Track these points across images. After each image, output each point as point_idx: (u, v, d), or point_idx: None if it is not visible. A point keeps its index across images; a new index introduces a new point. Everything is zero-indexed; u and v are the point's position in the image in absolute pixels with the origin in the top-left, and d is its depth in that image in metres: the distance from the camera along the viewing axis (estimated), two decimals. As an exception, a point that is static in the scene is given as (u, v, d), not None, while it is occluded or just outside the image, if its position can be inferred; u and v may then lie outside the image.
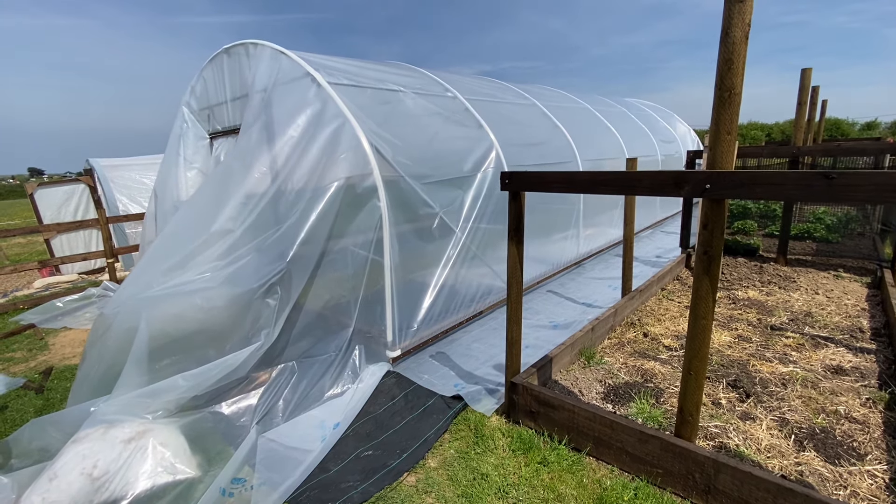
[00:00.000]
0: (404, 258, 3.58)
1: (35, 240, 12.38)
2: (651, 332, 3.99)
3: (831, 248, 6.54)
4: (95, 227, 6.74)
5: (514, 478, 2.41)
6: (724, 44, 1.86)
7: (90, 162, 7.93)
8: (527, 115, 6.06)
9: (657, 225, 8.72)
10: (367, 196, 3.44)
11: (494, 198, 4.40)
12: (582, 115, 7.51)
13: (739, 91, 1.89)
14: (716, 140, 1.96)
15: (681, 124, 11.75)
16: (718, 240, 2.02)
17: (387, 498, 2.31)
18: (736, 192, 1.82)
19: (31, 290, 6.87)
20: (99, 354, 2.96)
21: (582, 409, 2.55)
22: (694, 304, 2.09)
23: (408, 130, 4.00)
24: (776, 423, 2.69)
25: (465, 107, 4.89)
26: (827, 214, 7.51)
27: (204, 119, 4.86)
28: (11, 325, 5.17)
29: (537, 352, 3.60)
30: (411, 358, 3.68)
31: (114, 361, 2.90)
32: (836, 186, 1.61)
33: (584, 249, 6.21)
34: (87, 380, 2.95)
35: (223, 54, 4.39)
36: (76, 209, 7.97)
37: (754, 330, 3.98)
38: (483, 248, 4.34)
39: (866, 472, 2.28)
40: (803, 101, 5.75)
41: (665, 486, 2.28)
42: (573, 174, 2.43)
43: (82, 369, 3.00)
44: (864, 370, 3.22)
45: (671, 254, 6.70)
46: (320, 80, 3.58)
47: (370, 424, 2.89)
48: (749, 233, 7.47)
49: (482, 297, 4.39)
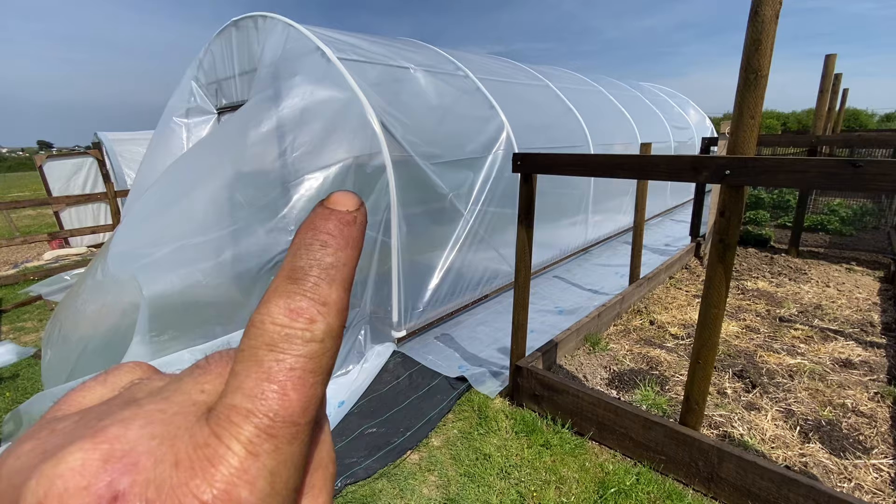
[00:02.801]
0: (412, 240, 3.55)
1: (44, 212, 12.47)
2: (658, 319, 3.97)
3: (844, 241, 6.43)
4: (104, 200, 6.77)
5: (517, 459, 2.43)
6: (753, 23, 1.78)
7: (98, 135, 7.91)
8: (539, 96, 5.93)
9: (667, 213, 8.61)
10: (376, 176, 3.39)
11: (504, 181, 4.34)
12: (595, 97, 7.34)
13: (766, 73, 1.82)
14: (738, 124, 1.89)
15: (695, 111, 11.49)
16: (735, 228, 1.97)
17: (390, 474, 2.34)
18: (758, 179, 1.77)
19: (42, 261, 6.94)
20: (102, 323, 2.99)
21: (586, 394, 2.55)
22: (706, 293, 2.05)
23: (418, 109, 3.93)
24: (782, 415, 2.68)
25: (477, 86, 4.78)
26: (842, 207, 7.37)
27: (212, 94, 4.79)
28: (22, 295, 5.24)
29: (542, 336, 3.59)
30: (416, 339, 3.69)
31: (114, 333, 2.93)
32: (864, 175, 1.55)
33: (592, 236, 6.14)
34: (90, 347, 2.98)
35: (231, 27, 4.30)
36: (85, 182, 7.98)
37: (762, 321, 3.94)
38: (491, 232, 4.30)
39: (871, 465, 2.28)
40: (825, 89, 5.58)
41: (667, 472, 2.29)
42: (587, 156, 2.37)
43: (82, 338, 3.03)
44: (873, 364, 3.19)
45: (680, 242, 6.63)
46: (330, 55, 3.50)
47: (375, 403, 2.92)
48: (761, 223, 7.35)
49: (488, 281, 4.37)
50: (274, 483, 0.16)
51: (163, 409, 0.18)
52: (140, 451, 0.16)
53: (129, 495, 0.15)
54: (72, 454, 0.16)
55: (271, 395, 0.17)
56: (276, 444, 0.17)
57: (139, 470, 0.16)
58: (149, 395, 0.19)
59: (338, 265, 0.19)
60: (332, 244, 0.19)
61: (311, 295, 0.18)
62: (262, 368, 0.17)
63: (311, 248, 0.19)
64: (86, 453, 0.16)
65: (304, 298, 0.18)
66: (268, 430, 0.16)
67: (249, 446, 0.16)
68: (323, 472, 0.21)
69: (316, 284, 0.18)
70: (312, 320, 0.18)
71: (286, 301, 0.18)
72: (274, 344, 0.17)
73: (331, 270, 0.19)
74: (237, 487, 0.16)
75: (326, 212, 0.20)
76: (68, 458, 0.16)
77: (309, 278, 0.18)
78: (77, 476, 0.15)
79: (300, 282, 0.18)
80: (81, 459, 0.16)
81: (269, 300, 0.18)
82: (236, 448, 0.16)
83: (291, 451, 0.17)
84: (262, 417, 0.16)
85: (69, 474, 0.16)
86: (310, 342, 0.18)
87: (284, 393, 0.17)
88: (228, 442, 0.16)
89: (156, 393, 0.19)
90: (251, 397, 0.17)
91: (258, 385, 0.17)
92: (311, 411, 0.18)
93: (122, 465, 0.16)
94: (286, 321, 0.18)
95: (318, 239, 0.19)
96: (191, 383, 0.20)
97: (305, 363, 0.17)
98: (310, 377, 0.17)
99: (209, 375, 0.20)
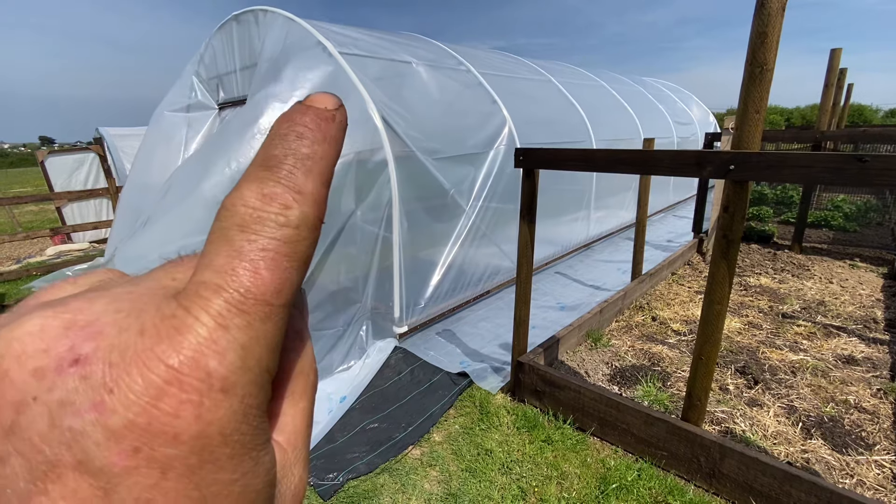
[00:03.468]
0: (413, 235, 3.55)
1: (46, 207, 12.50)
2: (660, 316, 3.96)
3: (848, 238, 6.39)
4: (106, 196, 6.77)
5: (518, 454, 2.43)
6: (759, 15, 1.76)
7: (100, 131, 7.91)
8: (541, 91, 5.90)
9: (669, 209, 8.58)
10: (378, 171, 3.38)
11: (506, 176, 4.32)
12: (598, 93, 7.30)
13: (772, 67, 1.80)
14: (743, 119, 1.87)
15: (698, 107, 11.42)
16: (739, 224, 1.95)
17: (392, 469, 2.35)
18: (762, 174, 1.75)
19: (44, 256, 6.96)
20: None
21: (588, 390, 2.55)
22: (709, 289, 2.04)
23: (419, 104, 3.91)
24: (784, 411, 2.67)
25: (479, 81, 4.76)
26: (846, 202, 7.32)
27: (213, 88, 4.78)
28: (25, 291, 5.26)
29: (544, 332, 3.59)
30: (418, 334, 3.69)
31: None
32: (870, 170, 1.53)
33: (594, 232, 6.13)
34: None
35: (232, 21, 4.28)
36: (86, 178, 7.99)
37: (765, 317, 3.93)
38: (492, 228, 4.29)
39: (874, 461, 2.27)
40: (830, 84, 5.54)
41: (669, 468, 2.29)
42: (590, 151, 2.36)
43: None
44: (876, 361, 3.18)
45: (683, 238, 6.60)
46: (331, 50, 3.48)
47: (376, 398, 2.92)
48: (764, 219, 7.31)
49: (490, 277, 4.37)
50: (245, 358, 0.16)
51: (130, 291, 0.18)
52: (104, 322, 0.16)
53: (91, 359, 0.15)
54: (31, 320, 0.16)
55: (242, 272, 0.16)
56: (247, 319, 0.16)
57: (103, 337, 0.16)
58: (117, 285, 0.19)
59: (314, 157, 0.18)
60: (309, 136, 0.18)
61: (285, 182, 0.17)
62: (232, 247, 0.16)
63: (287, 139, 0.18)
64: (45, 319, 0.16)
65: (279, 185, 0.17)
66: (239, 304, 0.16)
67: (219, 318, 0.16)
68: (304, 379, 0.20)
69: (291, 172, 0.18)
70: (287, 206, 0.17)
71: (259, 185, 0.17)
72: (245, 225, 0.17)
73: (307, 161, 0.18)
74: (205, 356, 0.15)
75: (304, 107, 0.19)
76: (27, 324, 0.16)
77: (284, 166, 0.18)
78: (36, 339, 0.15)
79: (274, 169, 0.18)
80: (40, 325, 0.16)
81: (240, 185, 0.17)
82: (205, 319, 0.16)
83: (265, 329, 0.16)
84: (233, 293, 0.16)
85: (27, 338, 0.15)
86: (284, 226, 0.17)
87: (256, 271, 0.16)
88: (197, 314, 0.16)
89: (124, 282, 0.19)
90: (221, 273, 0.16)
91: (229, 262, 0.16)
92: (285, 294, 0.17)
93: (85, 333, 0.16)
94: (259, 205, 0.17)
95: (293, 130, 0.18)
96: (161, 273, 0.19)
97: (279, 246, 0.17)
98: (284, 260, 0.17)
99: (181, 267, 0.19)
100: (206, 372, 0.15)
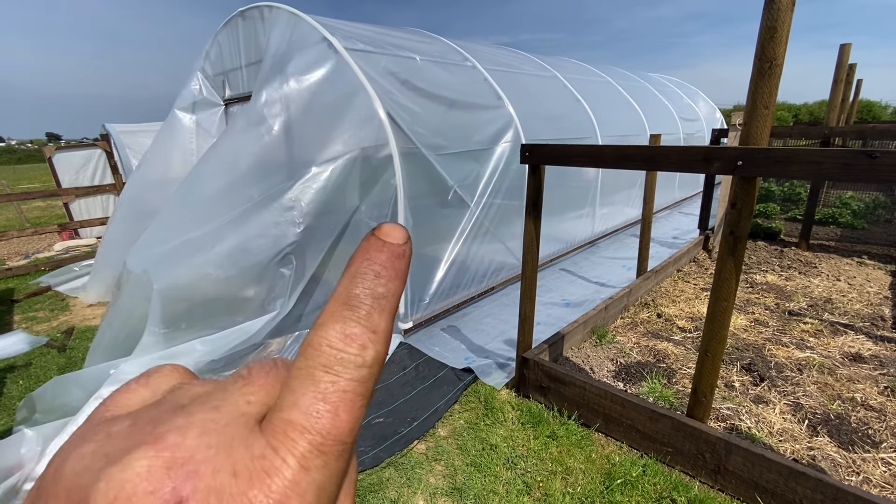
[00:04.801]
0: (418, 232, 3.55)
1: (54, 203, 12.60)
2: (665, 313, 3.95)
3: (856, 235, 6.34)
4: (112, 192, 6.82)
5: (523, 450, 2.44)
6: (769, 10, 1.75)
7: (106, 127, 7.95)
8: (547, 87, 5.87)
9: (675, 205, 8.54)
10: (383, 168, 3.39)
11: (511, 173, 4.31)
12: (604, 89, 7.26)
13: (781, 62, 1.78)
14: (752, 114, 1.86)
15: (705, 103, 11.33)
16: (746, 220, 1.95)
17: (398, 464, 2.37)
18: (770, 170, 1.74)
19: (52, 252, 7.02)
20: (116, 316, 3.03)
21: (593, 386, 2.55)
22: (716, 285, 2.04)
23: (425, 99, 3.90)
24: (790, 408, 2.66)
25: (484, 77, 4.74)
26: (854, 199, 7.26)
27: (219, 85, 4.79)
28: (33, 286, 5.31)
29: (549, 329, 3.59)
30: (423, 330, 3.70)
31: (130, 324, 2.96)
32: (880, 167, 1.52)
33: (600, 228, 6.11)
34: (105, 340, 3.02)
35: (238, 17, 4.28)
36: (93, 174, 8.03)
37: (771, 314, 3.91)
38: (497, 224, 4.28)
39: (880, 459, 2.26)
40: (839, 79, 5.48)
41: (674, 464, 2.29)
42: (597, 147, 2.35)
43: (101, 328, 3.08)
44: (883, 359, 3.16)
45: (688, 235, 6.58)
46: (336, 45, 3.48)
47: (382, 393, 2.94)
48: (771, 216, 7.26)
49: (494, 273, 4.37)
50: (320, 496, 0.18)
51: (214, 419, 0.19)
52: (199, 460, 0.17)
53: (191, 501, 0.16)
54: (137, 460, 0.17)
55: (325, 415, 0.18)
56: (325, 460, 0.18)
57: (200, 477, 0.17)
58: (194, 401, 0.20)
59: (388, 296, 0.20)
60: (385, 275, 0.20)
61: (364, 322, 0.19)
62: (318, 388, 0.18)
63: (366, 277, 0.20)
64: (150, 460, 0.17)
65: (359, 325, 0.19)
66: (320, 447, 0.18)
67: (303, 461, 0.17)
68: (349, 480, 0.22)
69: (369, 313, 0.20)
70: (364, 346, 0.19)
71: (342, 326, 0.19)
72: (329, 366, 0.19)
73: (382, 301, 0.20)
74: (290, 499, 0.17)
75: (380, 243, 0.21)
76: (134, 464, 0.17)
77: (363, 306, 0.20)
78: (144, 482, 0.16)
79: (355, 309, 0.20)
80: (147, 466, 0.17)
81: (325, 323, 0.19)
82: (291, 462, 0.17)
83: (338, 467, 0.18)
84: (316, 435, 0.18)
85: (136, 479, 0.17)
86: (361, 367, 0.19)
87: (336, 413, 0.18)
88: (284, 455, 0.17)
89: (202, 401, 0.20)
90: (307, 415, 0.18)
91: (314, 404, 0.18)
92: (356, 431, 0.19)
93: (184, 472, 0.17)
94: (341, 345, 0.19)
95: (372, 269, 0.20)
96: (236, 393, 0.20)
97: (356, 387, 0.19)
98: (358, 400, 0.19)
99: (253, 387, 0.21)
100: None
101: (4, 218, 11.32)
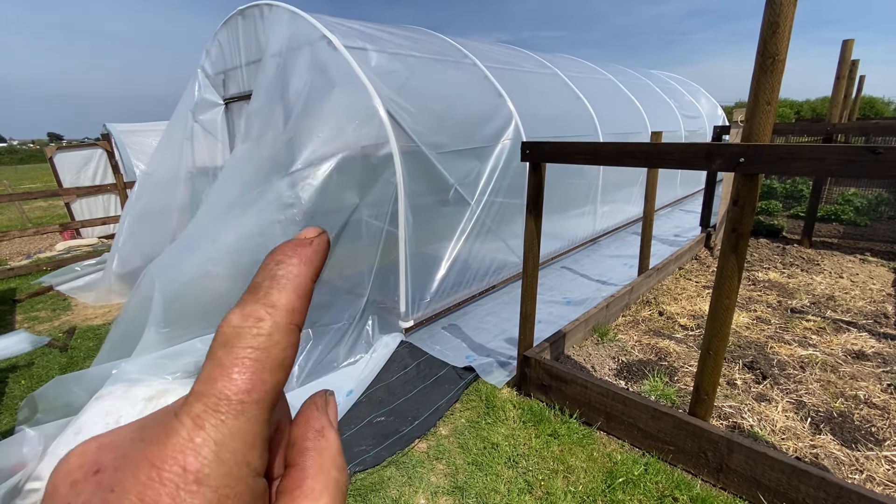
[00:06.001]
0: (419, 230, 3.54)
1: (56, 203, 12.62)
2: (667, 310, 3.94)
3: (859, 232, 6.31)
4: (114, 192, 6.82)
5: (525, 448, 2.44)
6: (771, 5, 1.73)
7: (107, 127, 7.95)
8: (548, 84, 5.85)
9: (676, 203, 8.52)
10: (383, 166, 3.38)
11: (512, 171, 4.30)
12: (604, 86, 7.23)
13: (783, 58, 1.77)
14: (754, 110, 1.85)
15: (707, 100, 11.28)
16: (749, 217, 1.93)
17: (399, 462, 2.36)
18: (773, 167, 1.73)
19: (54, 252, 7.04)
20: (123, 317, 3.04)
21: (594, 385, 2.55)
22: (718, 283, 2.03)
23: (425, 98, 3.89)
24: (792, 406, 2.65)
25: (485, 74, 4.73)
26: (857, 196, 7.22)
27: (219, 84, 4.78)
28: (35, 286, 5.32)
29: (550, 327, 3.58)
30: (424, 329, 3.70)
31: (132, 324, 2.97)
32: (884, 163, 1.51)
33: (601, 226, 6.09)
34: (108, 340, 3.03)
35: (238, 16, 4.27)
36: (94, 173, 8.04)
37: (774, 312, 3.89)
38: (498, 223, 4.27)
39: (884, 457, 2.25)
40: (842, 75, 5.45)
41: (676, 462, 2.29)
42: (597, 145, 2.34)
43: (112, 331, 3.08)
44: (886, 356, 3.15)
45: (690, 233, 6.56)
46: (336, 43, 3.47)
47: (383, 392, 2.94)
48: (773, 213, 7.23)
49: (495, 272, 4.36)
50: (219, 452, 0.19)
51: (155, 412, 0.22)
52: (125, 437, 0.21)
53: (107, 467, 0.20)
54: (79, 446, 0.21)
55: (219, 378, 0.19)
56: (221, 418, 0.19)
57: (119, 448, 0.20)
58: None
59: (288, 276, 0.22)
60: (285, 261, 0.22)
61: (262, 301, 0.21)
62: (214, 360, 0.20)
63: (267, 266, 0.22)
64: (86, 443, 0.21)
65: (256, 304, 0.21)
66: (213, 406, 0.19)
67: (197, 420, 0.19)
68: (325, 477, 0.23)
69: (267, 293, 0.21)
70: (260, 319, 0.20)
71: (241, 307, 0.21)
72: (227, 341, 0.20)
73: (282, 280, 0.22)
74: (184, 454, 0.18)
75: (286, 241, 0.23)
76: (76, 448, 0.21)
77: (261, 288, 0.21)
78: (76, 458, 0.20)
79: (254, 291, 0.21)
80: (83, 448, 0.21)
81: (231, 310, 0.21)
82: (186, 422, 0.19)
83: (238, 425, 0.19)
84: (211, 397, 0.19)
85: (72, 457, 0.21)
86: (257, 336, 0.20)
87: (229, 376, 0.19)
88: (182, 418, 0.19)
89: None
90: (202, 382, 0.20)
91: (210, 373, 0.20)
92: (257, 392, 0.20)
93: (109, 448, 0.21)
94: (239, 322, 0.20)
95: (273, 259, 0.22)
96: None
97: (251, 352, 0.20)
98: (255, 364, 0.20)
99: None
100: (182, 467, 0.18)
101: (6, 218, 11.35)
